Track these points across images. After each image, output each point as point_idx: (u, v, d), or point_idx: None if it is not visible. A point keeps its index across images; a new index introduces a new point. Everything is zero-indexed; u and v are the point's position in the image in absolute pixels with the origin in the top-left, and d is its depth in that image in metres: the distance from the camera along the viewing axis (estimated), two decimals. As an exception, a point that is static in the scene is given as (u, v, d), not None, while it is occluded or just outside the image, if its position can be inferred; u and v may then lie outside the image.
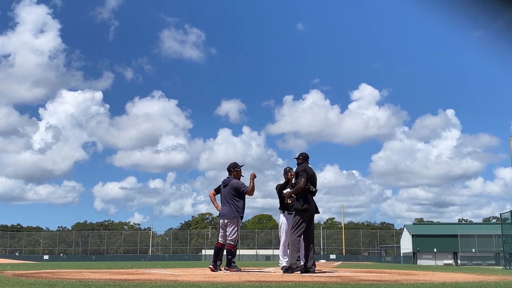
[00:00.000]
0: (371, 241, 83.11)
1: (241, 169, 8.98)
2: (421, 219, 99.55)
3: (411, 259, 54.04)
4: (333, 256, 63.18)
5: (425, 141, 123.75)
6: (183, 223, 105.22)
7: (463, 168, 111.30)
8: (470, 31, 2.89)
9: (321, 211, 9.87)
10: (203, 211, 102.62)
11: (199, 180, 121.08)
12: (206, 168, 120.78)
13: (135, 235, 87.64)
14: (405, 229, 61.85)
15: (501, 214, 24.56)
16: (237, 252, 9.35)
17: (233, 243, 8.60)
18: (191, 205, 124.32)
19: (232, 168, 8.92)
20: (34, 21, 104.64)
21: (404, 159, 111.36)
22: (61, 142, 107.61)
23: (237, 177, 8.86)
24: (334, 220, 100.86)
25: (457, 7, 2.73)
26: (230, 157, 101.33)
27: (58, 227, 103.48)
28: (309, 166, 8.28)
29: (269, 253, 70.22)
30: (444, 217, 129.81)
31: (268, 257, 66.81)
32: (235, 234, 8.59)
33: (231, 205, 8.61)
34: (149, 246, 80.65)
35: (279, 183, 9.14)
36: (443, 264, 47.91)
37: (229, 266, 8.70)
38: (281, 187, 8.83)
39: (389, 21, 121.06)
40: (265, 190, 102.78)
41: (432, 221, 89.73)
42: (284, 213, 8.91)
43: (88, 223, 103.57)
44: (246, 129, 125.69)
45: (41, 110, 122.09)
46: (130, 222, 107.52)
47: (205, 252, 66.96)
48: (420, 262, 51.88)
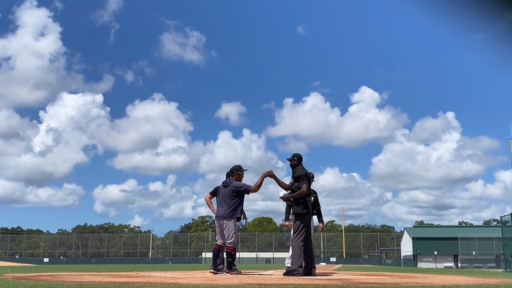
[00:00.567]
0: (371, 244, 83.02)
1: (244, 173, 8.98)
2: (422, 221, 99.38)
3: (411, 262, 53.93)
4: (333, 259, 63.12)
5: (425, 144, 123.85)
6: (183, 225, 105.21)
7: (463, 170, 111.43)
8: (470, 34, 2.90)
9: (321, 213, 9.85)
10: (203, 214, 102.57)
11: (199, 183, 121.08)
12: (206, 171, 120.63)
13: (135, 237, 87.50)
14: (405, 231, 61.77)
15: (501, 216, 24.56)
16: (237, 255, 9.34)
17: (232, 245, 8.57)
18: (191, 207, 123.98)
19: (236, 170, 8.88)
20: (35, 24, 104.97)
21: (404, 162, 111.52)
22: (62, 145, 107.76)
23: (238, 180, 8.83)
24: (334, 222, 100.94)
25: (456, 10, 2.74)
26: (230, 160, 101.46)
27: (58, 230, 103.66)
28: (305, 169, 8.34)
29: (269, 256, 70.17)
30: (444, 219, 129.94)
31: (268, 260, 66.74)
32: (233, 236, 8.57)
33: (228, 207, 8.58)
34: (149, 249, 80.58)
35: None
36: (443, 267, 47.88)
37: (229, 269, 8.69)
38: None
39: (389, 24, 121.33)
40: (265, 193, 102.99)
41: (432, 224, 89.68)
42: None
43: (88, 225, 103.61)
44: (246, 132, 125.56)
45: (41, 113, 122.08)
46: (130, 224, 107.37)
47: (205, 254, 66.98)
48: (421, 265, 51.83)
